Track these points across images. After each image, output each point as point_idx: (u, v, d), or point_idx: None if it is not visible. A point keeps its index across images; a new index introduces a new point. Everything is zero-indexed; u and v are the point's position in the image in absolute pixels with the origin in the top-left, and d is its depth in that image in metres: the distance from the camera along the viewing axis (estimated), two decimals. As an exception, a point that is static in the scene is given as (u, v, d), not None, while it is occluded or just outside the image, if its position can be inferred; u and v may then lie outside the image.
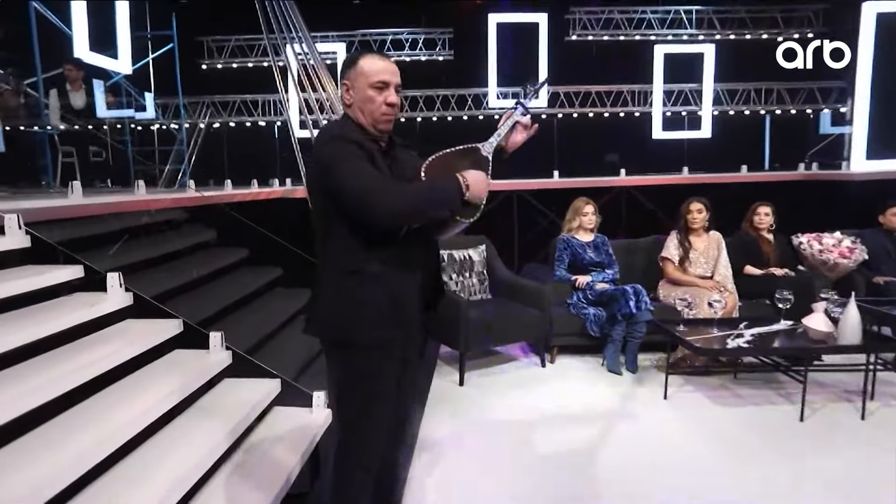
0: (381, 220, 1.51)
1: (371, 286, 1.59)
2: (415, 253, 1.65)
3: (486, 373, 3.83)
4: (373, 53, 1.64)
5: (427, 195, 1.56)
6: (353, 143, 1.53)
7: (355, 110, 1.64)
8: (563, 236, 4.18)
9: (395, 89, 1.64)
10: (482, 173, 1.64)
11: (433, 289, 1.80)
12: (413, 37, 8.88)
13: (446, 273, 3.97)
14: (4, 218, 2.74)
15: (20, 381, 2.10)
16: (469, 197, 1.57)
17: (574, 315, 3.93)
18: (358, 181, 1.49)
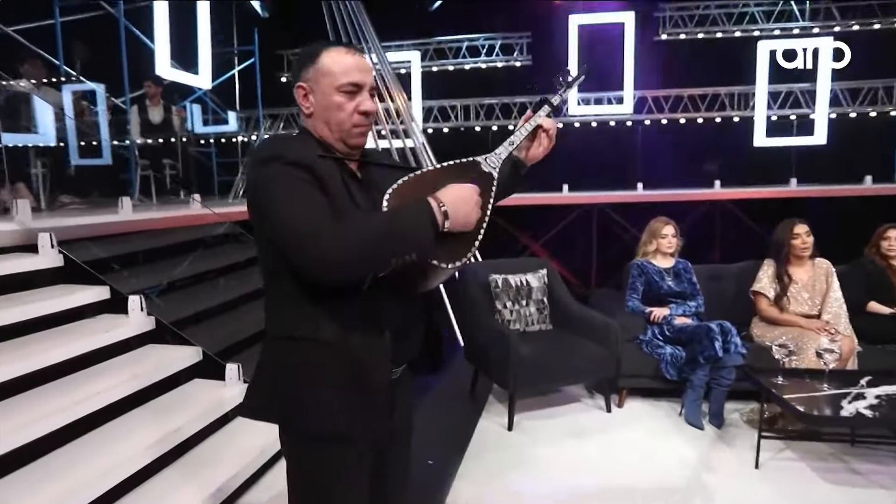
0: (317, 274, 1.09)
1: (324, 359, 1.18)
2: (386, 311, 1.21)
3: (539, 415, 3.38)
4: (338, 45, 1.23)
5: (382, 233, 1.08)
6: (295, 166, 1.12)
7: (317, 122, 1.23)
8: (638, 261, 3.64)
9: (369, 93, 1.23)
10: (471, 188, 1.19)
11: (417, 350, 1.35)
12: (490, 42, 8.56)
13: (500, 300, 3.57)
14: (38, 237, 2.70)
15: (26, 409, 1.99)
16: (450, 226, 1.13)
17: (647, 354, 3.39)
18: (289, 219, 1.08)
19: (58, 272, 2.75)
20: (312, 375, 1.18)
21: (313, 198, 1.11)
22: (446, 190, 1.16)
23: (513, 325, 3.56)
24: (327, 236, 1.05)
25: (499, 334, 3.20)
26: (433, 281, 1.24)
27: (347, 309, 1.17)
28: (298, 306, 1.18)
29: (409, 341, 1.30)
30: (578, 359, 3.31)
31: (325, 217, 1.09)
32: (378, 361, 1.20)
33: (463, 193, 1.17)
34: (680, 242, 3.66)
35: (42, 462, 1.95)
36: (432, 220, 1.11)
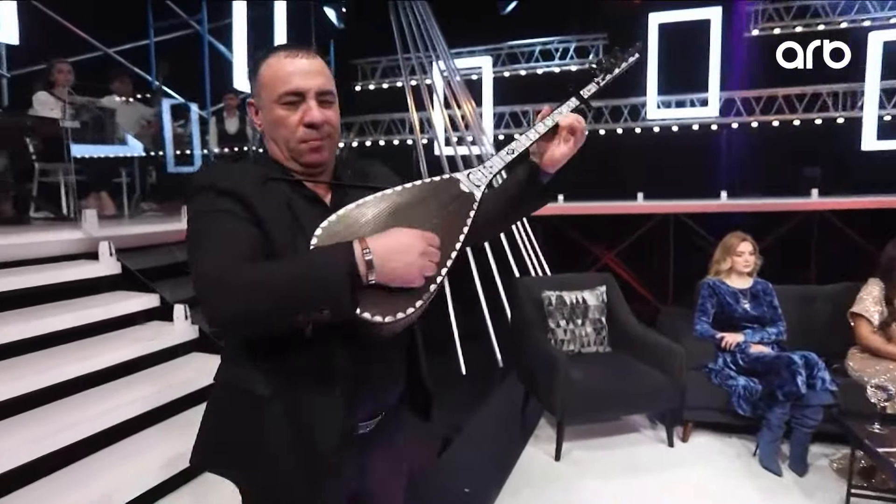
0: (219, 323, 0.93)
1: (261, 415, 1.02)
2: (338, 362, 1.01)
3: (591, 445, 3.13)
4: (279, 49, 1.07)
5: (284, 285, 0.89)
6: (226, 196, 0.98)
7: (269, 141, 1.10)
8: (709, 280, 3.30)
9: (318, 100, 1.05)
10: (413, 236, 0.94)
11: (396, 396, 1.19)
12: (564, 45, 8.27)
13: (553, 318, 3.36)
14: (99, 244, 2.83)
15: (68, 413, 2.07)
16: (377, 279, 0.91)
17: (717, 385, 3.05)
18: (200, 260, 0.95)
19: (116, 279, 2.88)
20: (252, 430, 1.03)
21: (234, 236, 0.96)
22: (383, 234, 0.94)
23: (566, 346, 3.34)
24: (225, 286, 0.90)
25: (548, 356, 2.99)
26: (379, 332, 0.96)
27: (291, 359, 1.01)
28: (241, 355, 1.06)
29: (378, 392, 1.12)
30: (637, 386, 3.03)
31: (234, 262, 0.93)
32: (326, 420, 1.01)
33: (401, 242, 0.92)
34: (759, 261, 3.28)
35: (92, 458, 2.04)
36: (351, 270, 0.88)
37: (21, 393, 2.05)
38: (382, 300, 0.92)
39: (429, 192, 1.06)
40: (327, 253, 0.92)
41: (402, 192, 1.05)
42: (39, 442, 1.90)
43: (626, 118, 7.99)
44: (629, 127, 7.96)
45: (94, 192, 4.40)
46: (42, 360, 2.23)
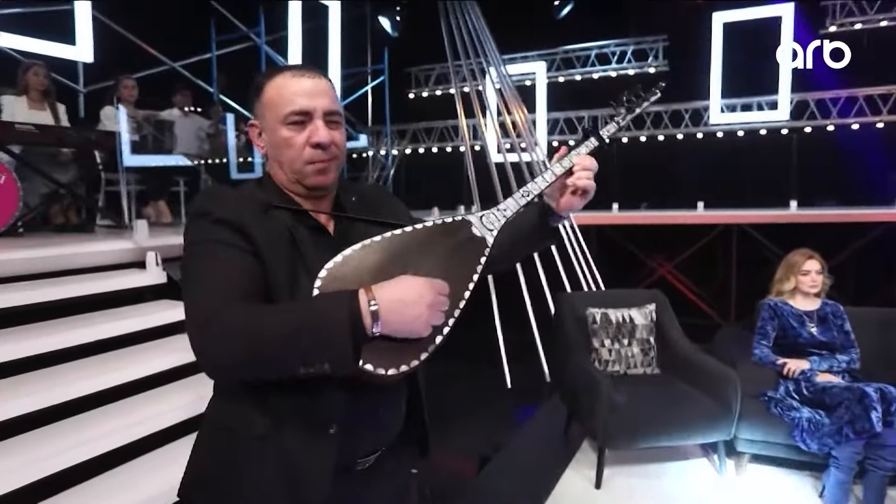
0: (208, 368, 0.89)
1: (253, 456, 0.97)
2: (333, 403, 0.95)
3: (636, 472, 2.94)
4: (285, 70, 1.04)
5: (283, 336, 0.83)
6: (223, 225, 0.94)
7: (272, 163, 1.05)
8: (770, 301, 3.04)
9: (325, 119, 1.01)
10: (422, 286, 0.89)
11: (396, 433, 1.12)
12: (621, 49, 8.01)
13: (597, 337, 3.20)
14: (147, 254, 2.92)
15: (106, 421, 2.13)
16: (380, 330, 0.85)
17: (776, 416, 2.80)
18: (192, 296, 0.90)
19: (161, 288, 2.96)
20: (239, 470, 0.98)
21: (230, 269, 0.92)
22: (390, 283, 0.88)
23: (611, 367, 3.17)
24: (220, 325, 0.84)
25: (590, 377, 2.84)
26: (381, 380, 0.89)
27: (283, 400, 0.95)
28: (232, 392, 1.01)
29: (377, 428, 1.07)
30: (685, 413, 2.82)
31: (232, 297, 0.88)
32: (317, 463, 0.96)
33: (410, 292, 0.87)
34: (828, 281, 3.00)
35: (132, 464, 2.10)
36: (354, 322, 0.83)
37: (65, 400, 2.12)
38: (386, 352, 0.87)
39: (441, 235, 1.01)
40: (330, 302, 0.85)
41: (412, 233, 0.99)
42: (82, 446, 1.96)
43: (688, 123, 7.63)
44: (690, 132, 7.59)
45: (153, 200, 4.60)
46: (84, 367, 2.30)
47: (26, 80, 3.98)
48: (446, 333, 0.92)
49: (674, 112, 7.67)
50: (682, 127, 7.69)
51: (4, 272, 2.58)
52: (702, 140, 7.49)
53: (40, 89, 4.02)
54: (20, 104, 3.92)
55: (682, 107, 7.63)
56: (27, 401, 2.02)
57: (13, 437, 1.97)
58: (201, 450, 1.08)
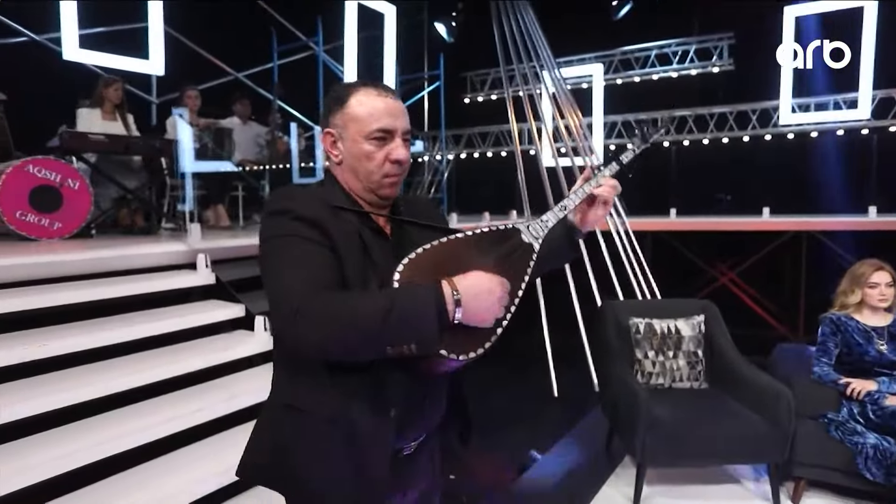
0: (302, 349, 0.98)
1: (321, 434, 1.07)
2: (394, 388, 1.06)
3: (679, 493, 2.79)
4: (369, 86, 1.12)
5: (377, 319, 0.91)
6: (303, 222, 1.02)
7: (345, 171, 1.13)
8: (833, 315, 2.82)
9: (402, 138, 1.11)
10: (496, 280, 1.00)
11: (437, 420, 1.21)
12: (683, 48, 7.69)
13: (641, 348, 3.07)
14: (198, 256, 3.07)
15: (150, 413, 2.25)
16: (461, 318, 0.95)
17: (838, 440, 2.58)
18: (278, 284, 0.98)
19: (210, 289, 3.10)
20: (307, 448, 1.09)
21: (312, 262, 1.00)
22: (467, 276, 0.98)
23: (655, 380, 3.03)
24: (313, 311, 0.93)
25: (629, 390, 2.73)
26: (442, 368, 1.04)
27: (350, 383, 1.05)
28: (300, 374, 1.09)
29: (424, 418, 1.16)
30: (733, 432, 2.64)
31: (318, 287, 0.97)
32: (379, 441, 1.06)
33: (485, 284, 0.98)
34: (899, 294, 2.75)
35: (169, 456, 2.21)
36: (440, 309, 0.93)
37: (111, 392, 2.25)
38: (458, 339, 0.97)
39: (495, 240, 1.10)
40: (418, 290, 0.95)
41: (471, 238, 1.10)
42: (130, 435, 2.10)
43: (755, 124, 7.22)
44: (758, 134, 7.18)
45: (213, 204, 4.83)
46: (133, 363, 2.44)
47: (105, 94, 4.28)
48: (503, 327, 1.02)
49: (740, 113, 7.28)
50: (749, 129, 7.28)
51: (70, 271, 2.78)
52: (770, 142, 7.06)
53: (116, 102, 4.32)
54: (94, 115, 4.23)
55: (748, 107, 7.22)
56: (85, 390, 2.16)
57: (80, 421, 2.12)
58: (266, 430, 1.16)
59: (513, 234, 1.13)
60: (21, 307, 2.37)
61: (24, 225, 3.41)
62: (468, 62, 9.14)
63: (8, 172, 3.36)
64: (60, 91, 4.55)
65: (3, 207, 3.32)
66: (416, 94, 9.27)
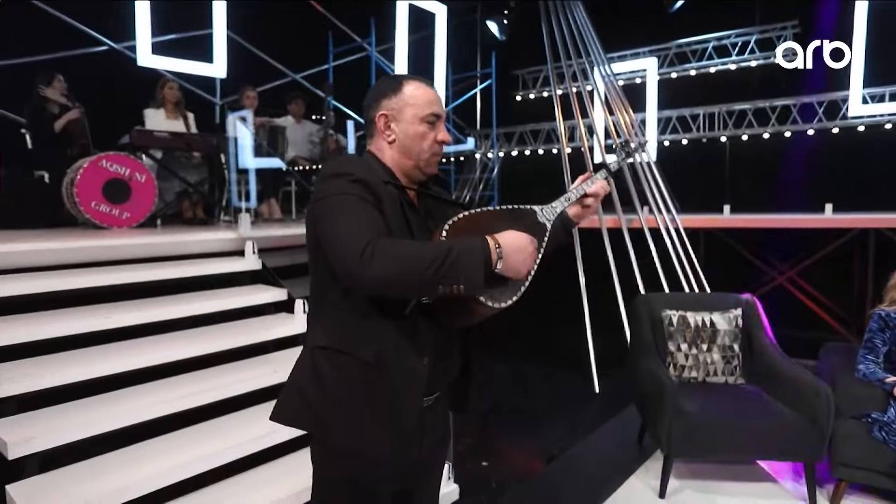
0: (367, 284, 1.11)
1: (361, 376, 1.19)
2: (427, 338, 1.21)
3: (709, 488, 2.73)
4: (416, 78, 1.31)
5: (436, 259, 1.08)
6: (361, 184, 1.18)
7: (395, 150, 1.28)
8: (882, 311, 2.68)
9: (443, 125, 1.31)
10: (528, 239, 1.19)
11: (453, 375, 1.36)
12: (743, 39, 7.38)
13: (674, 340, 3.02)
14: (246, 244, 3.30)
15: (200, 381, 2.45)
16: (501, 269, 1.13)
17: (881, 441, 2.46)
18: (346, 231, 1.13)
19: (256, 274, 3.31)
20: (346, 390, 1.20)
21: (370, 214, 1.16)
22: (506, 234, 1.17)
23: (688, 373, 2.98)
24: (387, 251, 1.08)
25: (657, 381, 2.70)
26: (472, 318, 1.21)
27: (389, 330, 1.18)
28: (342, 321, 1.22)
29: (444, 372, 1.30)
30: (765, 427, 2.57)
31: (379, 233, 1.12)
32: (413, 384, 1.20)
33: (521, 241, 1.17)
34: (956, 290, 2.59)
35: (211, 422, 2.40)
36: (487, 257, 1.11)
37: (166, 361, 2.47)
38: (494, 289, 1.15)
39: (516, 215, 1.28)
40: (468, 242, 1.12)
41: (496, 211, 1.26)
42: (181, 399, 2.30)
43: (822, 117, 6.84)
44: (825, 127, 6.80)
45: (266, 198, 5.11)
46: (186, 337, 2.66)
47: (163, 94, 4.63)
48: (526, 286, 1.21)
49: (804, 105, 6.91)
50: (815, 122, 6.90)
51: (134, 255, 3.06)
52: (838, 135, 6.66)
53: (174, 101, 4.66)
54: (159, 115, 4.58)
55: (814, 99, 6.85)
56: (144, 358, 2.40)
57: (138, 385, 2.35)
58: (302, 375, 1.27)
59: (530, 214, 1.29)
60: (93, 284, 2.64)
61: (98, 214, 3.75)
62: (520, 60, 9.13)
63: (85, 167, 3.71)
64: (134, 94, 4.94)
65: (80, 198, 3.67)
66: (469, 91, 9.38)
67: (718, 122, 7.55)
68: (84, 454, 2.02)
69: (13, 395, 2.03)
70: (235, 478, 2.19)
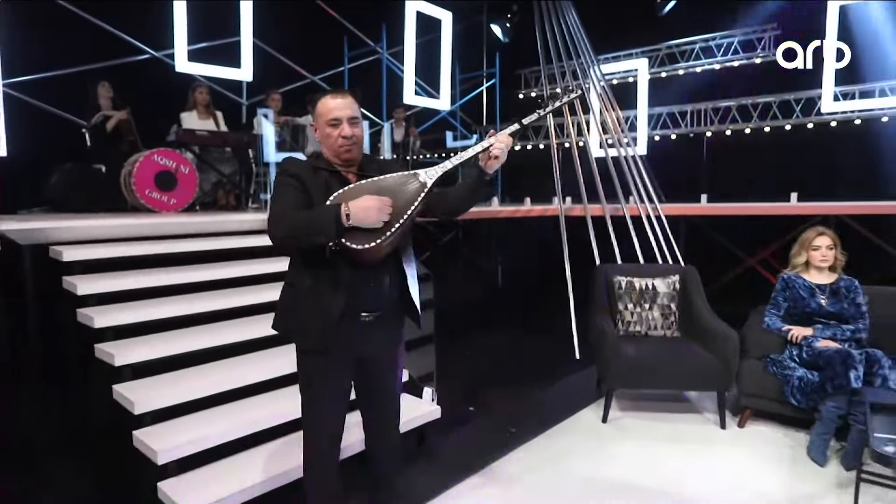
0: (275, 240, 1.74)
1: (303, 300, 1.83)
2: (341, 273, 1.79)
3: (643, 417, 3.40)
4: (328, 94, 1.88)
5: (302, 224, 1.70)
6: (290, 175, 1.82)
7: (323, 145, 1.90)
8: (785, 275, 3.31)
9: (348, 122, 1.83)
10: (372, 200, 1.70)
11: (391, 302, 1.93)
12: (728, 40, 7.92)
13: (622, 301, 3.67)
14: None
15: (236, 327, 3.15)
16: (354, 221, 1.68)
17: (773, 374, 3.10)
18: (272, 208, 1.80)
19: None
20: (297, 308, 1.87)
21: (288, 196, 1.79)
22: (357, 200, 1.70)
23: (633, 328, 3.63)
24: (278, 220, 1.73)
25: (602, 331, 3.37)
26: (363, 256, 1.73)
27: (317, 270, 1.80)
28: (294, 265, 1.89)
29: (374, 297, 1.87)
30: (685, 365, 3.23)
31: (287, 209, 1.75)
32: (334, 302, 1.80)
33: (366, 203, 1.70)
34: (842, 256, 3.20)
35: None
36: (336, 218, 1.67)
37: (214, 309, 3.18)
38: (359, 236, 1.70)
39: (400, 180, 1.82)
40: (327, 208, 1.71)
41: (385, 179, 1.82)
42: (224, 338, 2.99)
43: (798, 114, 7.37)
44: (800, 123, 7.32)
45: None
46: (224, 294, 3.37)
47: (194, 97, 5.37)
48: (393, 230, 1.72)
49: (782, 103, 7.43)
50: (793, 118, 7.42)
51: (182, 231, 3.78)
52: (812, 130, 7.18)
53: (204, 104, 5.40)
54: (192, 117, 5.32)
55: (792, 97, 7.37)
56: (196, 305, 3.10)
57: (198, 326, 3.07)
58: (282, 297, 1.96)
59: (413, 177, 1.83)
60: (149, 252, 3.37)
61: (151, 200, 4.49)
62: (522, 60, 9.74)
63: (140, 161, 4.46)
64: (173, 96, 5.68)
65: (136, 186, 4.42)
66: (475, 90, 10.02)
67: (704, 118, 8.11)
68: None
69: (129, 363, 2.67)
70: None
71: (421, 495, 2.54)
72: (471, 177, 1.92)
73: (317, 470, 2.01)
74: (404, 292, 1.94)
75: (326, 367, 1.91)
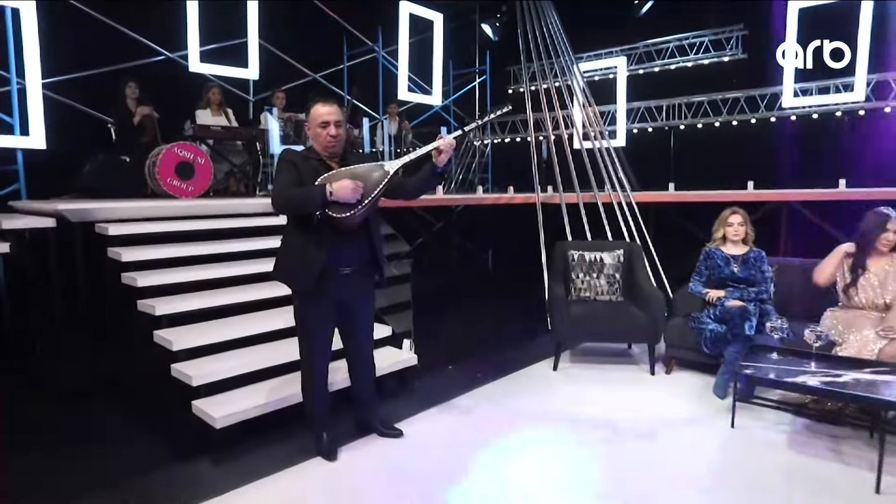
0: (276, 208, 2.47)
1: (295, 254, 2.53)
2: (324, 236, 2.46)
3: (587, 367, 4.06)
4: (319, 102, 2.54)
5: (297, 197, 2.41)
6: (288, 162, 2.49)
7: (314, 142, 2.59)
8: (706, 248, 3.94)
9: (334, 125, 2.51)
10: (352, 183, 2.36)
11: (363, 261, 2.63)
12: (699, 40, 8.50)
13: (574, 272, 4.31)
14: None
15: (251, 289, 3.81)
16: (335, 198, 2.35)
17: (692, 329, 3.75)
18: (276, 183, 2.52)
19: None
20: (289, 261, 2.57)
21: (287, 176, 2.47)
22: (339, 182, 2.36)
23: (583, 294, 4.27)
24: (277, 195, 2.45)
25: (555, 295, 4.02)
26: (343, 222, 2.42)
27: (307, 233, 2.49)
28: (289, 228, 2.58)
29: (352, 257, 2.58)
30: (622, 322, 3.89)
31: (287, 186, 2.44)
32: (318, 257, 2.48)
33: (344, 184, 2.36)
34: (751, 231, 3.83)
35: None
36: (322, 194, 2.34)
37: (232, 275, 3.85)
38: (338, 208, 2.38)
39: (370, 168, 2.51)
40: (315, 187, 2.37)
41: (359, 167, 2.51)
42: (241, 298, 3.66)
43: (763, 109, 7.96)
44: (764, 117, 7.92)
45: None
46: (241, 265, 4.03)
47: (208, 96, 6.02)
48: (364, 205, 2.41)
49: (749, 98, 8.02)
50: (760, 112, 8.01)
51: (200, 213, 4.44)
52: (775, 124, 7.77)
53: (217, 102, 6.05)
54: (206, 114, 5.97)
55: (757, 93, 7.95)
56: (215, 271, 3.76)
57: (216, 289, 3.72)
58: (279, 253, 2.64)
59: (380, 167, 2.50)
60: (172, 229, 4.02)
61: (172, 187, 5.15)
62: (511, 57, 10.32)
63: (163, 153, 5.11)
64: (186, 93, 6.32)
65: (160, 175, 5.08)
66: (468, 85, 10.63)
67: (678, 113, 8.70)
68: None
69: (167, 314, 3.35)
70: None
71: (395, 419, 3.19)
72: (426, 170, 2.60)
73: (313, 387, 2.70)
74: (374, 252, 2.62)
75: (316, 308, 2.59)
